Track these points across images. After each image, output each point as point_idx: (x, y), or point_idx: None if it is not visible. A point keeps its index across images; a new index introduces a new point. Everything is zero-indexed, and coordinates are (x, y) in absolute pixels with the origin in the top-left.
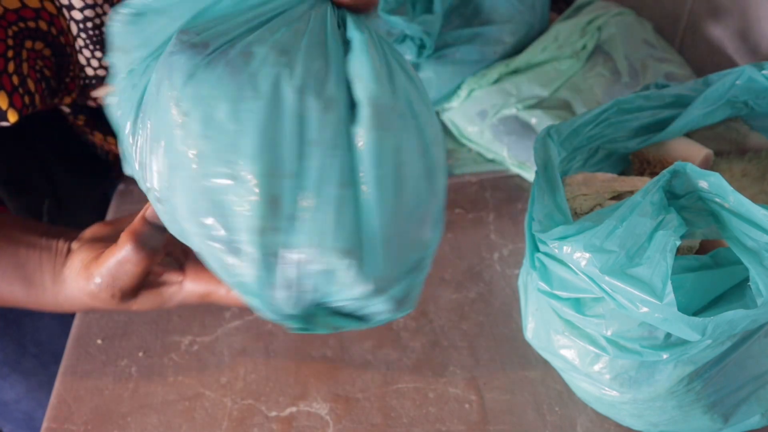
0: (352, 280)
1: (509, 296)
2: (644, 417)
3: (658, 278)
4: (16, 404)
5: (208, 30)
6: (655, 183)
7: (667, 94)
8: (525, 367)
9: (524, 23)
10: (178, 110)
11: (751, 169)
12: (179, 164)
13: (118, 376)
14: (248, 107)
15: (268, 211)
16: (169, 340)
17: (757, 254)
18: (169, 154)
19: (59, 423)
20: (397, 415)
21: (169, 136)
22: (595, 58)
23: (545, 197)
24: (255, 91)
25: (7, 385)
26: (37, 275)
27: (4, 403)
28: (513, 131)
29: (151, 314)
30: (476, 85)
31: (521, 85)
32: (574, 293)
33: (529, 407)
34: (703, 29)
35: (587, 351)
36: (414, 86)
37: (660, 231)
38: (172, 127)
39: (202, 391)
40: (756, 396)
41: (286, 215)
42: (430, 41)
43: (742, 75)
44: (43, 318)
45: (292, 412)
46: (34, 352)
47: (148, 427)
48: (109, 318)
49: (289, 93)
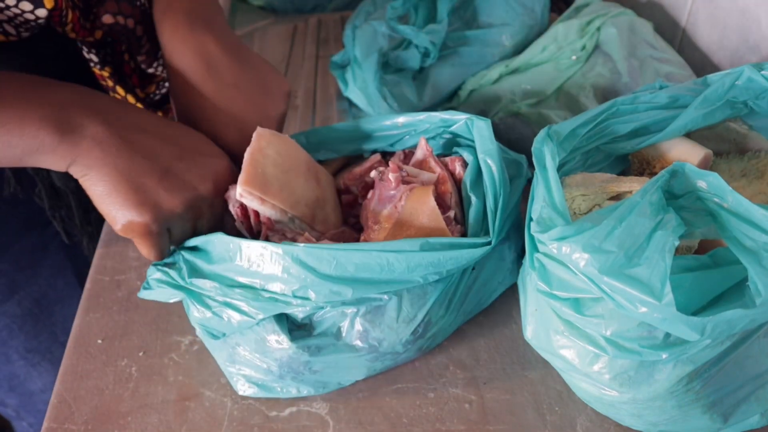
0: None
1: (509, 296)
2: (644, 417)
3: (657, 278)
4: (41, 394)
5: None
6: (654, 183)
7: (666, 94)
8: (525, 367)
9: (524, 26)
10: None
11: (750, 169)
12: None
13: (118, 376)
14: None
15: None
16: (169, 340)
17: (756, 254)
18: None
19: (59, 423)
20: (397, 415)
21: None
22: (595, 58)
23: (544, 197)
24: None
25: (36, 373)
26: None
27: (30, 393)
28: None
29: (151, 314)
30: (476, 85)
31: (521, 86)
32: (573, 293)
33: (529, 407)
34: (703, 29)
35: (587, 351)
36: None
37: (659, 231)
38: None
39: (202, 391)
40: (755, 396)
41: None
42: (435, 50)
43: (741, 75)
44: (72, 306)
45: (292, 412)
46: (64, 340)
47: (148, 427)
48: (109, 318)
49: None
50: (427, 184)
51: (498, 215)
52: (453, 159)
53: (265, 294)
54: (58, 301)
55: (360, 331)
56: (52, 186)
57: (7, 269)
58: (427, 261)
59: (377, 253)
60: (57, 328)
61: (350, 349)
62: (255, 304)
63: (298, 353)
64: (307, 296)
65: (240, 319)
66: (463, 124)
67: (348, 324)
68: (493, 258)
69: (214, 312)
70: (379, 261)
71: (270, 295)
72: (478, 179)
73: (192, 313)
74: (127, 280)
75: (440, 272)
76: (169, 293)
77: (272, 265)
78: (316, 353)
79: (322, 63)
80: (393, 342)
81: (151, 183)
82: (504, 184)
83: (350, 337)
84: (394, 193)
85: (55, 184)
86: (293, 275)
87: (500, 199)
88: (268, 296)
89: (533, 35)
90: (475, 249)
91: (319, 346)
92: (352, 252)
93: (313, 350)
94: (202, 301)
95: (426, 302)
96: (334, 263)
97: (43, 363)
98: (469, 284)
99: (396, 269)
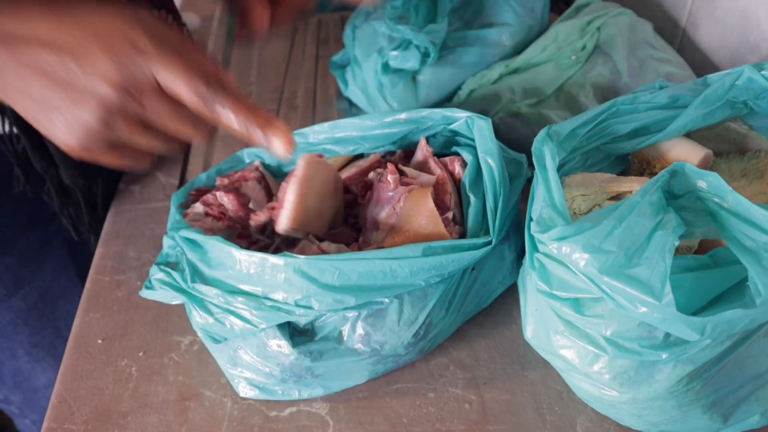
0: None
1: (509, 296)
2: (644, 417)
3: (657, 278)
4: (44, 390)
5: None
6: (654, 183)
7: (666, 94)
8: (525, 367)
9: (524, 26)
10: None
11: (750, 169)
12: None
13: (118, 376)
14: None
15: None
16: (169, 340)
17: (756, 254)
18: None
19: (59, 423)
20: (397, 415)
21: None
22: (595, 58)
23: (544, 197)
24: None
25: (40, 369)
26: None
27: (34, 389)
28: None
29: (151, 314)
30: (476, 85)
31: (521, 85)
32: (573, 293)
33: (529, 407)
34: (703, 29)
35: (587, 351)
36: None
37: (659, 231)
38: None
39: (202, 391)
40: (755, 396)
41: None
42: (435, 50)
43: (741, 75)
44: (75, 302)
45: (292, 412)
46: (67, 336)
47: (148, 427)
48: (109, 318)
49: None
50: (426, 185)
51: (498, 214)
52: (452, 159)
53: (268, 302)
54: (62, 296)
55: (361, 334)
56: (61, 184)
57: (12, 264)
58: (430, 265)
59: (380, 261)
60: (60, 323)
61: (352, 353)
62: (258, 313)
63: (299, 358)
64: (310, 305)
65: (242, 327)
66: (463, 123)
67: (349, 328)
68: (493, 258)
69: (216, 318)
70: (381, 268)
71: (272, 304)
72: (477, 179)
73: (194, 318)
74: (127, 280)
75: (442, 274)
76: (170, 295)
77: (274, 276)
78: (317, 358)
79: (322, 63)
80: (395, 345)
81: (55, 102)
82: (504, 183)
83: (352, 341)
84: (392, 195)
85: (63, 182)
86: (295, 286)
87: (500, 198)
88: (271, 305)
89: (533, 35)
90: (476, 250)
91: (321, 350)
92: (355, 261)
93: (315, 355)
94: (204, 306)
95: (427, 304)
96: (336, 273)
97: (47, 359)
98: (469, 285)
99: (399, 275)
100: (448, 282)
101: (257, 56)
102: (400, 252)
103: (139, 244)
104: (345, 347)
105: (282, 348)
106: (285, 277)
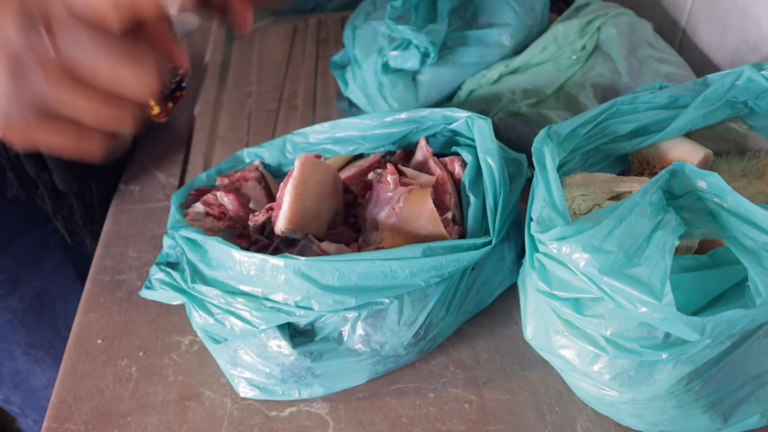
0: None
1: (509, 296)
2: (644, 417)
3: (657, 278)
4: (44, 391)
5: None
6: (654, 183)
7: (666, 94)
8: (525, 367)
9: (524, 27)
10: None
11: (750, 169)
12: None
13: (118, 376)
14: None
15: None
16: (169, 340)
17: (756, 254)
18: None
19: (59, 423)
20: (397, 415)
21: None
22: (595, 58)
23: (544, 197)
24: None
25: (39, 369)
26: None
27: (33, 389)
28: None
29: (151, 314)
30: (476, 85)
31: (521, 86)
32: (573, 293)
33: (529, 407)
34: (703, 29)
35: (587, 351)
36: None
37: (659, 231)
38: None
39: (202, 391)
40: (755, 396)
41: None
42: (435, 50)
43: (741, 75)
44: (74, 302)
45: (292, 412)
46: (66, 335)
47: (148, 427)
48: (109, 318)
49: None
50: (425, 185)
51: (498, 214)
52: (452, 159)
53: (268, 303)
54: (60, 296)
55: (362, 335)
56: (54, 189)
57: (9, 265)
58: (430, 265)
59: (380, 262)
60: (59, 323)
61: (352, 353)
62: (258, 314)
63: (299, 359)
64: (311, 306)
65: (243, 327)
66: (463, 123)
67: (349, 328)
68: (493, 258)
69: (216, 319)
70: (382, 269)
71: (272, 305)
72: (477, 179)
73: (194, 318)
74: (127, 280)
75: (442, 275)
76: (171, 296)
77: (274, 277)
78: (318, 359)
79: (322, 63)
80: (395, 345)
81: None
82: (504, 183)
83: (352, 342)
84: (392, 195)
85: (56, 186)
86: (295, 287)
87: (500, 198)
88: (271, 306)
89: (533, 35)
90: (476, 250)
91: (321, 351)
92: (355, 262)
93: (315, 356)
94: (204, 306)
95: (427, 304)
96: (336, 274)
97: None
98: (469, 285)
99: (399, 276)
100: (448, 282)
101: (257, 56)
102: (400, 252)
103: (139, 244)
104: (345, 348)
105: (282, 348)
106: (285, 279)
